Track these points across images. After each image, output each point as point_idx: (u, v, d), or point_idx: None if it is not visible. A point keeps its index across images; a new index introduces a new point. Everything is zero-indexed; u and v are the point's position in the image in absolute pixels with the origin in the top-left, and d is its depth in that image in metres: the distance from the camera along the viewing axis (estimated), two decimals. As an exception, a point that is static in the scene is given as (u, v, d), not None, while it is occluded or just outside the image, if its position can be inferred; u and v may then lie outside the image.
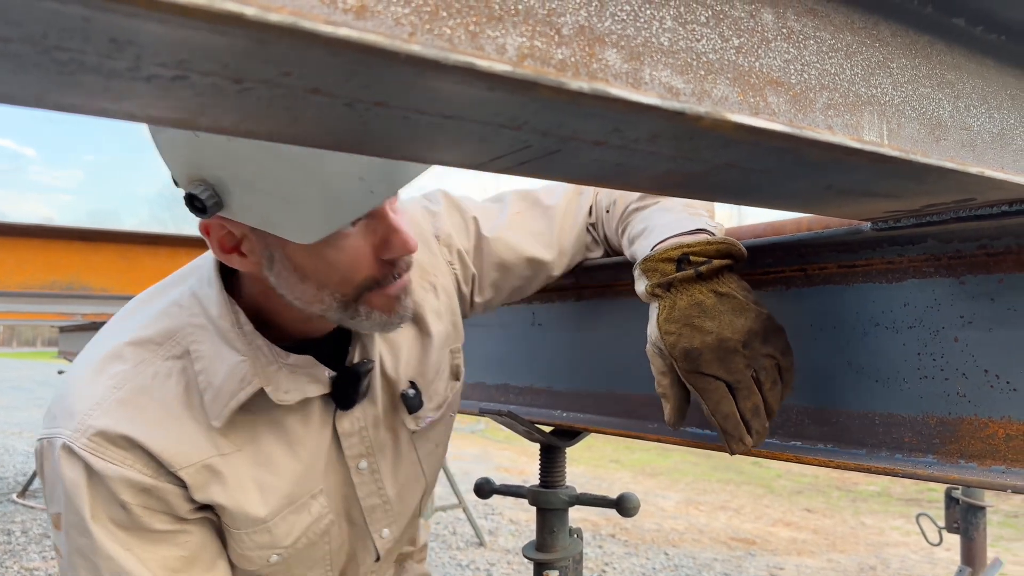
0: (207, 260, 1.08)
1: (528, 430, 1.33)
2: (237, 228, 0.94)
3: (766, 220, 1.07)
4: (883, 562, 5.29)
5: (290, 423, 1.06)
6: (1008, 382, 0.75)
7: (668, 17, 0.52)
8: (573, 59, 0.46)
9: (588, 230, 1.31)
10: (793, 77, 0.59)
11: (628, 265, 1.25)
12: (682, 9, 0.53)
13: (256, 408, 1.03)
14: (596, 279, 1.31)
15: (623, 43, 0.49)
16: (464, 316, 1.32)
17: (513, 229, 1.28)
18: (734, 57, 0.56)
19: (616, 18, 0.49)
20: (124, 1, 0.29)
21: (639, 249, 1.02)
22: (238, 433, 1.03)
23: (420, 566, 1.49)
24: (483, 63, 0.36)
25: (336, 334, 1.12)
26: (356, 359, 1.12)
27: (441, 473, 5.21)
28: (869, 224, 0.80)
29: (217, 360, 1.01)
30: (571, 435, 1.41)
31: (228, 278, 1.06)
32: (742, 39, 0.57)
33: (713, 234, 0.96)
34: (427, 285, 1.22)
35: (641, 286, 0.95)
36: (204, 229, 0.95)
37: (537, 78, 0.38)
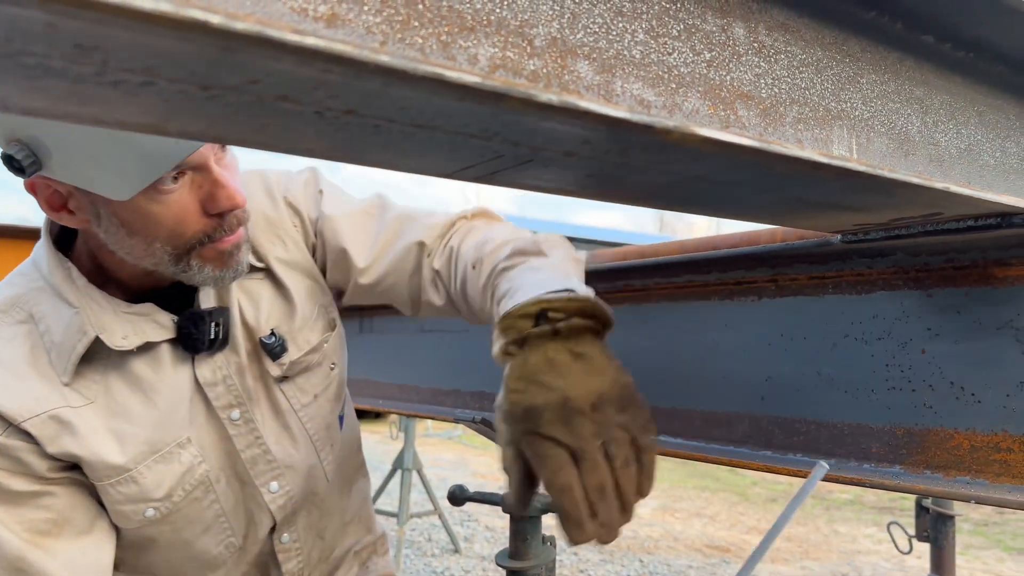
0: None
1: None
2: (62, 187, 0.96)
3: (743, 230, 1.08)
4: (855, 569, 5.34)
5: (139, 370, 1.07)
6: (973, 394, 0.76)
7: (640, 30, 0.53)
8: (545, 70, 0.47)
9: (431, 267, 1.19)
10: (764, 91, 0.60)
11: (603, 273, 1.25)
12: (654, 22, 0.53)
13: (104, 359, 1.05)
14: (571, 287, 1.31)
15: (595, 55, 0.50)
16: (326, 281, 1.28)
17: (349, 217, 1.26)
18: (705, 71, 0.56)
19: (588, 30, 0.50)
20: (88, 7, 0.28)
21: (501, 309, 0.90)
22: (89, 386, 1.04)
23: (384, 559, 1.48)
24: (452, 74, 0.36)
25: (187, 286, 1.12)
26: (205, 306, 1.12)
27: (416, 479, 5.19)
28: (839, 236, 0.81)
29: (55, 317, 1.03)
30: (545, 443, 1.40)
31: (68, 237, 1.09)
32: (713, 53, 0.57)
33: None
34: (274, 238, 1.22)
35: (496, 346, 0.85)
36: (30, 188, 0.97)
37: (507, 90, 0.38)
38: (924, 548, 2.59)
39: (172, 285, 1.10)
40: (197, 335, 1.09)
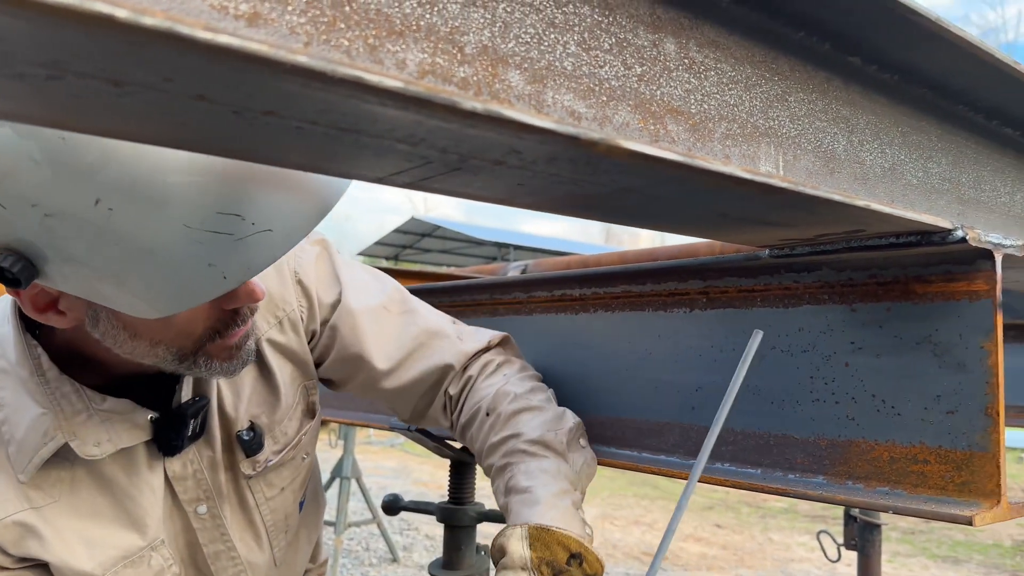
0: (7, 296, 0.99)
1: (438, 446, 1.32)
2: (53, 288, 0.84)
3: (685, 241, 1.10)
4: (788, 577, 5.45)
5: (111, 473, 0.98)
6: (893, 407, 0.78)
7: (572, 42, 0.53)
8: (476, 78, 0.46)
9: (446, 391, 1.20)
10: (693, 107, 0.61)
11: (543, 282, 1.26)
12: (586, 35, 0.54)
13: (71, 457, 0.96)
14: (510, 295, 1.31)
15: (526, 65, 0.50)
16: (311, 365, 1.22)
17: (370, 315, 1.19)
18: (636, 85, 0.57)
19: (520, 40, 0.50)
20: (-16, -4, 0.27)
21: (524, 512, 0.99)
22: (53, 484, 0.95)
23: None
24: (373, 78, 0.35)
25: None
26: (187, 396, 1.03)
27: (355, 487, 5.13)
28: (767, 251, 0.83)
29: (19, 410, 0.93)
30: (481, 451, 1.40)
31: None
32: (644, 67, 0.58)
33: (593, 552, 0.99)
34: (272, 320, 1.13)
35: (523, 548, 0.94)
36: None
37: (430, 96, 0.37)
38: (853, 556, 2.66)
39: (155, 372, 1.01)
40: (176, 440, 1.02)
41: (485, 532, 1.28)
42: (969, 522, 0.70)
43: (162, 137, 0.43)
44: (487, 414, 1.12)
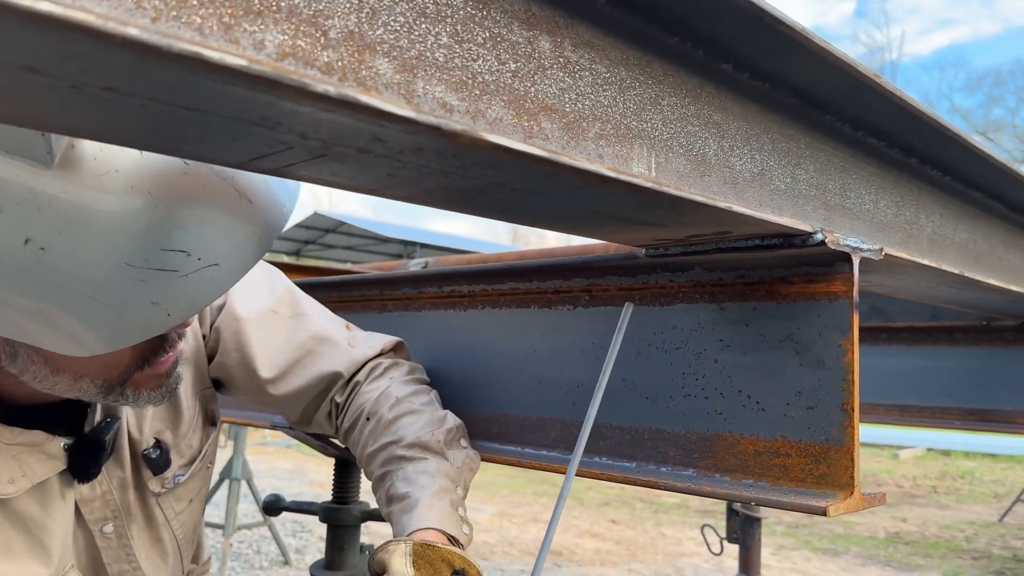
0: None
1: (323, 445, 1.29)
2: None
3: (588, 243, 1.11)
4: (678, 571, 5.62)
5: (24, 508, 0.93)
6: (758, 402, 0.81)
7: (444, 33, 0.53)
8: (340, 63, 0.46)
9: (333, 399, 1.18)
10: (568, 105, 0.62)
11: (432, 278, 1.25)
12: (459, 27, 0.54)
13: None
14: (400, 291, 1.30)
15: (395, 54, 0.49)
16: (207, 370, 1.19)
17: (256, 320, 1.16)
18: (510, 81, 0.57)
19: (389, 28, 0.49)
20: None
21: (404, 520, 0.98)
22: None
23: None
24: (213, 55, 0.34)
25: None
26: (97, 418, 0.99)
27: (245, 489, 4.98)
28: (644, 250, 0.85)
29: None
30: (368, 449, 1.38)
31: None
32: (519, 64, 0.58)
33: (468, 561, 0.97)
34: None
35: (406, 566, 0.91)
36: None
37: (277, 76, 0.36)
38: (737, 549, 2.76)
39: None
40: (93, 466, 0.97)
41: (375, 532, 1.26)
42: (823, 512, 0.74)
43: (-5, 111, 0.41)
44: (367, 419, 1.10)
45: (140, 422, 1.06)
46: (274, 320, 1.16)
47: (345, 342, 1.18)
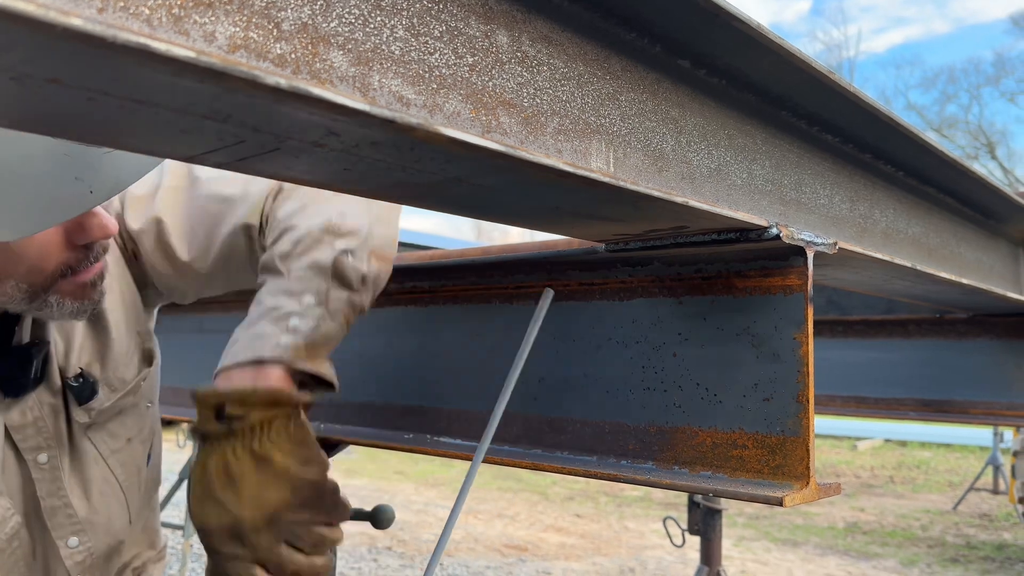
0: None
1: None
2: None
3: (551, 238, 1.10)
4: (641, 564, 5.67)
5: None
6: (715, 395, 0.82)
7: (400, 27, 0.52)
8: (294, 56, 0.45)
9: (262, 245, 1.07)
10: (526, 100, 0.62)
11: (397, 273, 1.24)
12: (415, 20, 0.53)
13: None
14: (359, 287, 1.29)
15: (350, 46, 0.49)
16: (148, 286, 1.15)
17: (162, 198, 1.10)
18: (468, 75, 0.57)
19: (343, 20, 0.49)
20: None
21: (221, 359, 0.93)
22: None
23: (159, 567, 1.38)
24: (159, 46, 0.33)
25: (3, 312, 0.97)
26: (27, 339, 0.98)
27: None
28: (604, 245, 0.85)
29: None
30: (330, 447, 1.37)
31: None
32: (477, 58, 0.58)
33: (271, 362, 0.88)
34: None
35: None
36: None
37: (226, 68, 0.36)
38: (698, 541, 2.79)
39: None
40: (23, 379, 0.95)
41: (351, 531, 1.25)
42: (780, 503, 0.75)
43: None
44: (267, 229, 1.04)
45: (68, 352, 1.04)
46: (176, 195, 1.10)
47: (239, 191, 1.09)
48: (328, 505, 0.86)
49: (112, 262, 1.07)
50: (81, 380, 1.04)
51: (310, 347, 0.92)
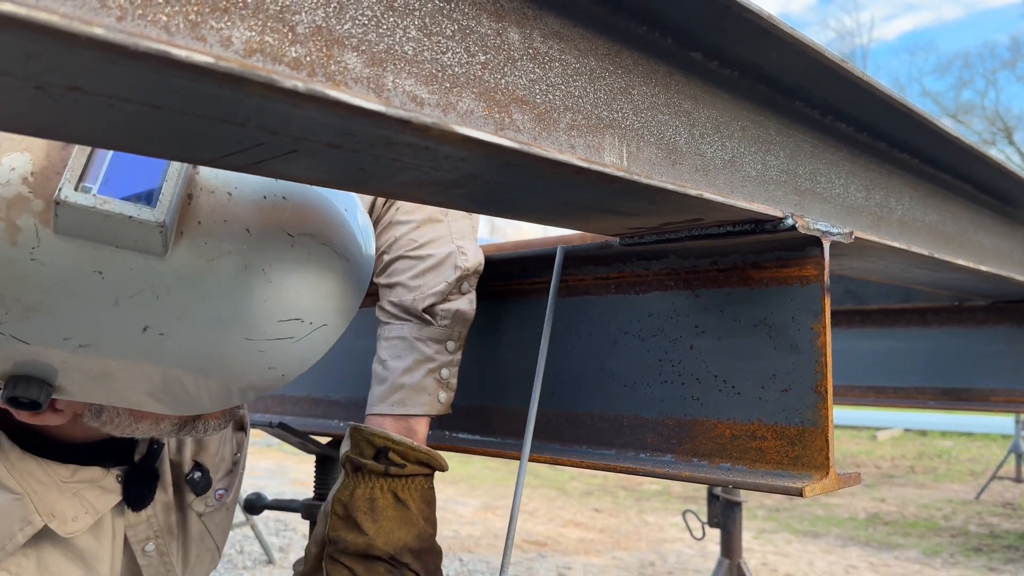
0: None
1: (302, 442, 1.29)
2: (66, 399, 0.80)
3: (564, 234, 1.10)
4: (661, 557, 5.66)
5: (82, 543, 0.94)
6: (733, 386, 0.82)
7: (412, 27, 0.53)
8: (309, 59, 0.46)
9: None
10: (538, 97, 0.62)
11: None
12: (427, 20, 0.54)
13: (39, 535, 0.91)
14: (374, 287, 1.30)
15: (364, 48, 0.49)
16: None
17: None
18: (480, 73, 0.57)
19: (357, 22, 0.49)
20: None
21: (371, 395, 1.01)
22: (19, 561, 0.90)
23: None
24: (180, 53, 0.34)
25: None
26: (145, 447, 1.01)
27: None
28: (619, 240, 0.85)
29: None
30: (349, 444, 1.38)
31: None
32: (488, 56, 0.58)
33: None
34: None
35: (344, 448, 0.96)
36: None
37: (244, 73, 0.36)
38: (718, 533, 2.79)
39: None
40: (148, 495, 0.99)
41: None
42: (800, 493, 0.75)
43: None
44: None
45: (180, 445, 1.08)
46: None
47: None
48: (431, 564, 0.93)
49: None
50: (199, 473, 1.08)
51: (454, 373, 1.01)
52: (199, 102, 0.39)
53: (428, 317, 1.00)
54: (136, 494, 0.98)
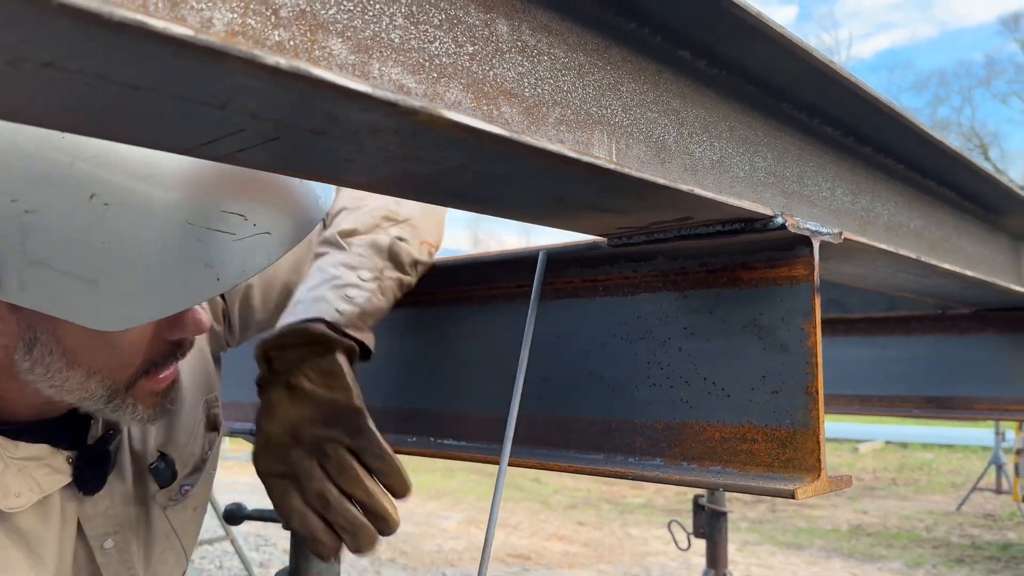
0: None
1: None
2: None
3: (549, 244, 1.10)
4: (645, 570, 5.65)
5: (26, 524, 0.90)
6: (723, 388, 0.81)
7: (399, 14, 0.52)
8: (292, 43, 0.44)
9: None
10: (527, 90, 0.61)
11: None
12: (414, 8, 0.53)
13: None
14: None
15: (349, 34, 0.48)
16: (220, 351, 1.22)
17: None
18: (468, 64, 0.56)
19: (342, 7, 0.48)
20: None
21: (282, 318, 1.02)
22: None
23: None
24: (158, 23, 0.32)
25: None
26: (100, 431, 0.98)
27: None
28: (607, 240, 0.84)
29: None
30: (332, 453, 1.36)
31: None
32: (477, 47, 0.57)
33: (316, 322, 0.97)
34: None
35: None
36: None
37: (225, 47, 0.35)
38: (703, 545, 2.77)
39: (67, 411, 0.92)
40: (98, 479, 0.95)
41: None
42: (792, 496, 0.74)
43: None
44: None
45: (144, 435, 1.05)
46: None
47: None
48: (351, 426, 0.91)
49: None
50: (163, 463, 1.05)
51: (361, 317, 1.00)
52: (180, 82, 0.38)
53: (342, 243, 1.04)
54: (87, 476, 0.95)
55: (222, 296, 1.17)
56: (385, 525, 0.92)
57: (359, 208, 1.10)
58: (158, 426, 1.07)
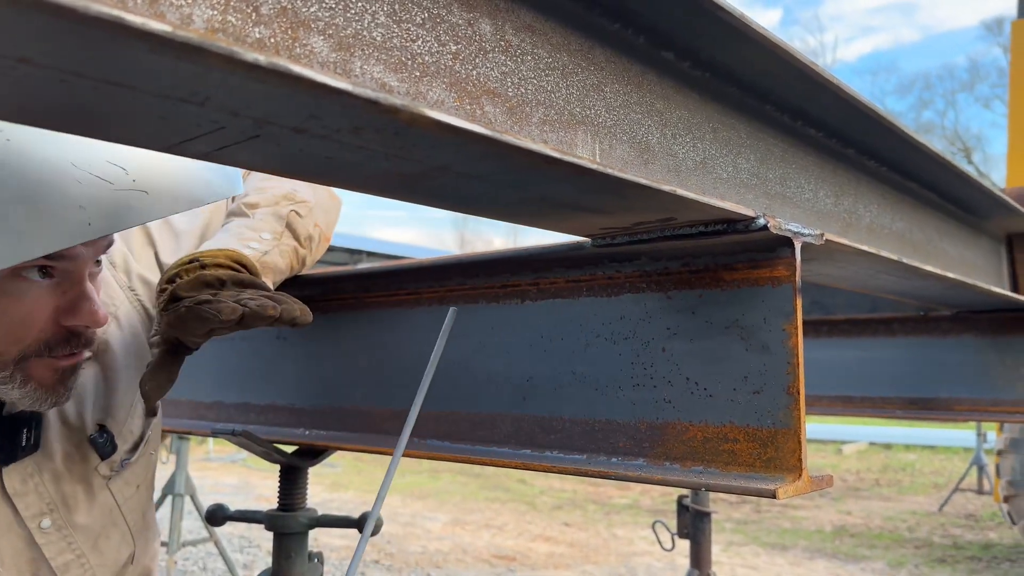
0: None
1: (266, 451, 1.26)
2: None
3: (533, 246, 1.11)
4: (631, 570, 5.65)
5: None
6: (705, 388, 0.81)
7: (381, 12, 0.51)
8: (273, 40, 0.44)
9: None
10: (510, 90, 0.61)
11: (378, 276, 1.23)
12: (396, 6, 0.52)
13: None
14: (343, 290, 1.28)
15: (331, 31, 0.48)
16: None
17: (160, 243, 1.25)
18: (451, 63, 0.56)
19: (324, 5, 0.48)
20: None
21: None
22: None
23: None
24: (135, 19, 0.32)
25: None
26: (18, 409, 0.98)
27: (189, 505, 4.86)
28: (591, 241, 0.85)
29: None
30: (315, 454, 1.35)
31: None
32: (460, 46, 0.57)
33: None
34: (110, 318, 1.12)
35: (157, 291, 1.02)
36: None
37: (204, 43, 0.35)
38: (687, 545, 2.78)
39: None
40: (10, 448, 0.95)
41: (325, 544, 1.23)
42: (773, 495, 0.74)
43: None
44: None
45: (81, 411, 1.07)
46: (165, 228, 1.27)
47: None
48: (265, 288, 1.00)
49: (124, 319, 1.15)
50: (103, 436, 1.07)
51: (262, 267, 1.10)
52: (158, 79, 0.38)
53: (247, 211, 1.16)
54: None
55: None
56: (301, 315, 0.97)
57: (263, 191, 1.22)
58: (95, 402, 1.09)
